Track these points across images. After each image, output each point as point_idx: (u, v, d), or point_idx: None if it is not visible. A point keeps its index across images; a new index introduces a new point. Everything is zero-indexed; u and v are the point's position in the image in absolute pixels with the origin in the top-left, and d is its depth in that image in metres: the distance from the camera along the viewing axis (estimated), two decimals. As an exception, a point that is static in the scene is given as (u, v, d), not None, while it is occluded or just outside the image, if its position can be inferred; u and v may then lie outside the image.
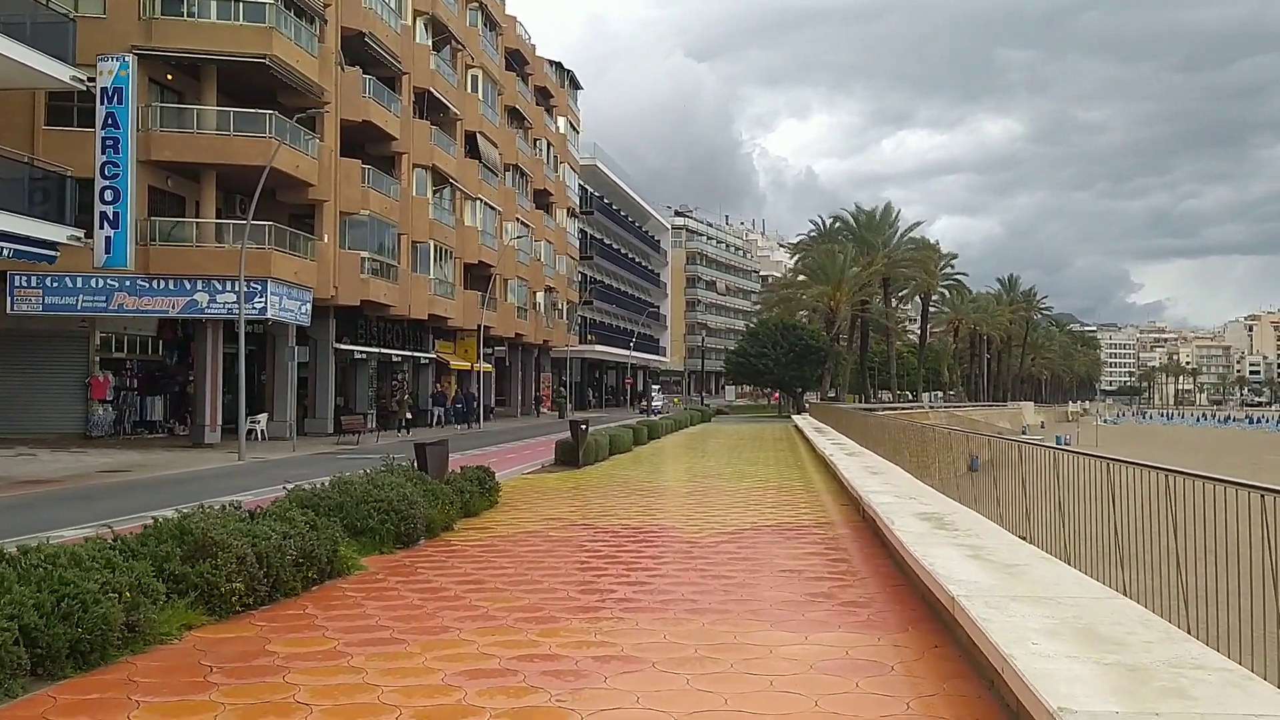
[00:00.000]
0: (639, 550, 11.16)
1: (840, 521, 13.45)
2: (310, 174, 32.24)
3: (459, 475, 14.60)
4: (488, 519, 14.00)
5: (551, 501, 16.34)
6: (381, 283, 37.61)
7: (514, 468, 23.61)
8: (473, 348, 49.61)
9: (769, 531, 12.66)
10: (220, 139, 29.97)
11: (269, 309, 29.99)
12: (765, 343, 75.23)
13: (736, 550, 11.12)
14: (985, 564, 7.13)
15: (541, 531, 12.68)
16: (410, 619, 7.86)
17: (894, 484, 13.91)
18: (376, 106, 36.83)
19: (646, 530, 12.77)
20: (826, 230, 77.69)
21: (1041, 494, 8.27)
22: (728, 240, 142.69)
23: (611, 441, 27.31)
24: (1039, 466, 8.47)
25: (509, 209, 55.92)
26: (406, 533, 11.38)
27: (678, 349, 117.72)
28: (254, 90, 31.60)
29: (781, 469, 23.25)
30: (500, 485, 16.06)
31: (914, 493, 12.61)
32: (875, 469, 16.40)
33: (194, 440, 30.59)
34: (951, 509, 10.56)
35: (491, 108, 52.73)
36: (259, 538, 8.51)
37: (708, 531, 12.61)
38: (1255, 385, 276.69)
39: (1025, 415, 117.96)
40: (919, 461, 17.24)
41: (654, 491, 17.80)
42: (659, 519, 13.94)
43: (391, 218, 38.91)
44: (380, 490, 11.55)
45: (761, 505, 15.71)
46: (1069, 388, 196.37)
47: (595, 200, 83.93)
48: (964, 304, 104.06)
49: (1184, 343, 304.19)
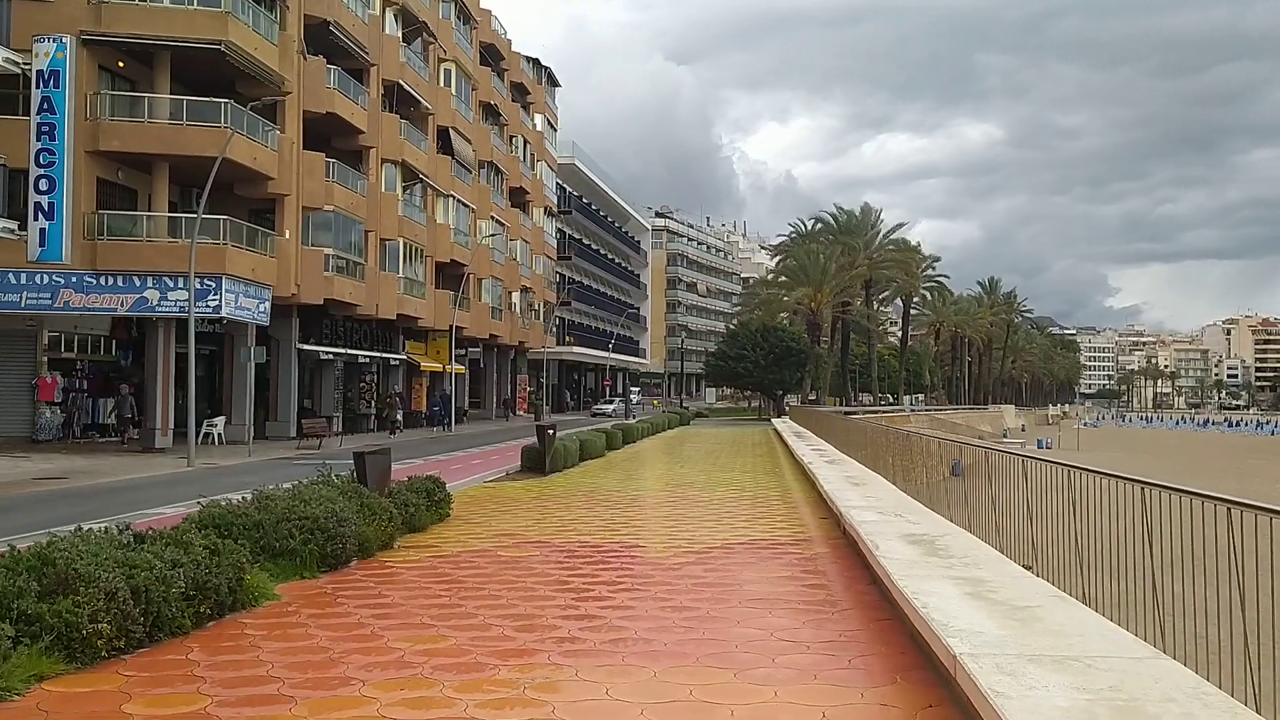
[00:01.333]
0: (594, 574, 9.97)
1: (819, 538, 12.31)
2: (269, 166, 30.87)
3: (404, 486, 13.37)
4: (434, 535, 12.78)
5: (509, 514, 15.12)
6: (347, 281, 36.26)
7: (477, 475, 22.38)
8: (445, 349, 48.24)
9: (741, 550, 11.50)
10: (172, 129, 28.58)
11: (224, 307, 28.62)
12: (745, 345, 74.23)
13: (703, 574, 9.94)
14: (989, 606, 5.97)
15: (490, 551, 11.47)
16: (309, 666, 6.63)
17: (877, 497, 12.77)
18: (342, 98, 35.49)
19: (606, 549, 11.59)
20: (808, 232, 76.67)
21: (1050, 517, 7.15)
22: (709, 242, 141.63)
23: (583, 447, 26.14)
24: (1047, 484, 7.34)
25: (483, 207, 54.61)
26: (334, 554, 10.15)
27: (658, 351, 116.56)
28: (210, 79, 30.23)
29: (758, 477, 22.11)
30: (453, 497, 14.82)
31: (899, 507, 11.47)
32: (856, 479, 15.27)
33: (144, 445, 29.17)
34: (943, 529, 9.41)
35: (465, 103, 51.41)
36: (138, 568, 7.26)
37: (674, 550, 11.44)
38: (1232, 389, 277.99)
39: (1006, 418, 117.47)
40: (902, 468, 16.14)
41: (620, 503, 16.61)
42: (622, 535, 12.76)
43: (358, 214, 37.57)
44: (306, 506, 10.32)
45: (735, 519, 14.54)
46: (1049, 391, 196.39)
47: (574, 200, 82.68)
48: (945, 306, 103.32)
49: (1162, 346, 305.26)
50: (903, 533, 9.13)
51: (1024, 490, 7.74)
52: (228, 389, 34.05)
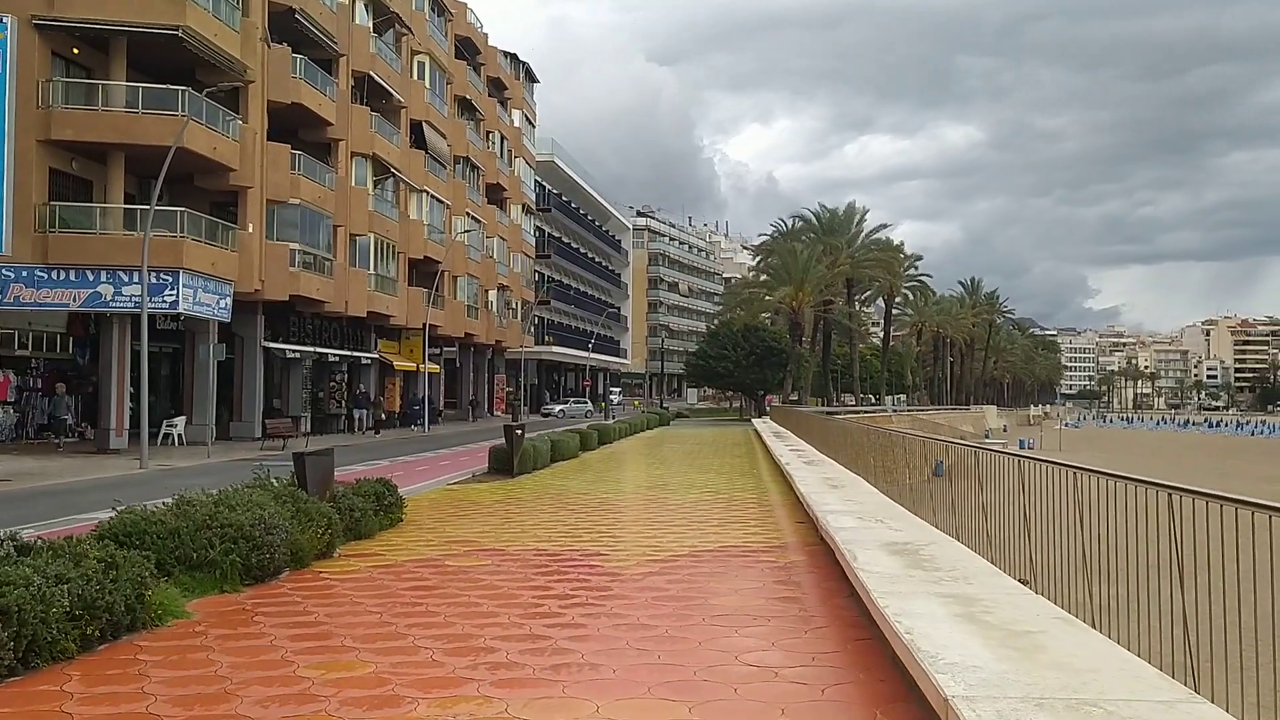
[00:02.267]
0: (546, 587, 9.08)
1: (795, 545, 11.45)
2: (230, 157, 29.81)
3: (350, 490, 12.43)
4: (381, 542, 11.86)
5: (466, 519, 14.21)
6: (314, 277, 35.21)
7: (442, 477, 21.45)
8: (418, 347, 47.23)
9: (710, 559, 10.63)
10: (128, 117, 27.49)
11: (181, 303, 27.56)
12: (726, 344, 73.48)
13: (666, 586, 9.07)
14: (984, 631, 5.11)
15: (437, 560, 10.56)
16: (197, 700, 5.72)
17: (857, 500, 11.93)
18: (308, 88, 34.46)
19: (564, 557, 10.69)
20: (790, 230, 75.87)
21: (1050, 526, 6.31)
22: (691, 242, 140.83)
23: (554, 448, 25.25)
24: (1047, 488, 6.49)
25: (459, 203, 53.59)
26: (260, 565, 9.22)
27: (639, 351, 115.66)
28: (169, 66, 29.18)
29: (734, 478, 21.27)
30: (406, 501, 13.89)
31: (880, 512, 10.63)
32: (835, 481, 14.43)
33: (98, 446, 28.09)
34: (928, 537, 8.57)
35: (439, 96, 50.37)
36: (11, 585, 6.32)
37: (637, 559, 10.56)
38: (1212, 389, 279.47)
39: (988, 419, 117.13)
40: (884, 469, 15.34)
41: (587, 506, 15.72)
42: (583, 541, 11.87)
43: (326, 208, 36.53)
44: (231, 512, 9.38)
45: (706, 523, 13.68)
46: (1030, 391, 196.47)
47: (553, 198, 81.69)
48: (928, 306, 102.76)
49: (1142, 347, 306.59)
50: (884, 541, 8.28)
51: (1019, 495, 6.90)
52: (189, 388, 32.96)
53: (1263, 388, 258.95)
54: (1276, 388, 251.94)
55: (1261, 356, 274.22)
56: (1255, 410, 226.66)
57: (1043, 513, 6.40)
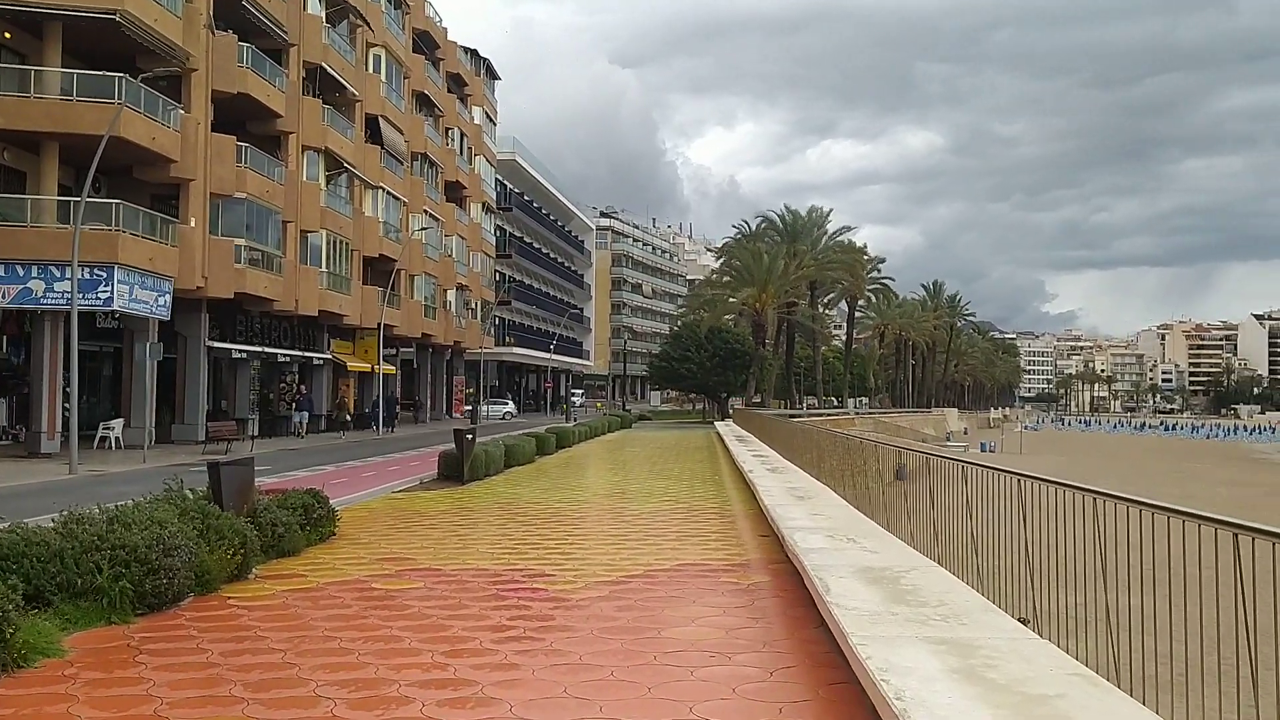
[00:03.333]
0: (481, 616, 8.10)
1: (759, 563, 10.55)
2: (171, 148, 28.47)
3: (275, 502, 11.38)
4: (307, 560, 10.82)
5: (405, 533, 13.18)
6: (261, 274, 33.90)
7: (387, 484, 20.38)
8: (373, 348, 45.94)
9: (666, 579, 9.70)
10: (61, 105, 26.13)
11: (116, 299, 26.22)
12: (689, 346, 72.72)
13: (615, 614, 8.13)
14: (991, 695, 4.19)
15: (364, 583, 9.55)
16: (34, 776, 4.70)
17: (825, 514, 11.06)
18: (256, 78, 33.16)
19: (505, 579, 9.72)
20: (754, 232, 75.22)
21: (1063, 558, 5.44)
22: (654, 243, 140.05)
23: (509, 452, 24.21)
24: (1063, 513, 5.62)
25: (416, 200, 52.34)
26: (157, 591, 8.16)
27: (601, 353, 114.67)
28: (107, 53, 27.80)
29: (695, 485, 20.38)
30: (338, 513, 12.84)
31: (852, 528, 9.76)
32: (801, 491, 13.57)
33: (29, 449, 26.69)
34: (908, 561, 7.68)
35: (396, 91, 49.12)
36: None
37: (586, 580, 9.61)
38: (1167, 393, 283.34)
39: (949, 421, 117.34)
40: (852, 479, 14.53)
41: (538, 518, 14.75)
42: (529, 559, 10.90)
43: (275, 203, 35.22)
44: (125, 531, 8.32)
45: (664, 537, 12.76)
46: (990, 394, 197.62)
47: (515, 197, 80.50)
48: (890, 309, 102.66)
49: (1099, 351, 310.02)
50: (859, 565, 7.39)
51: (1019, 519, 6.03)
52: (127, 389, 31.55)
53: (1216, 391, 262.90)
54: (1229, 391, 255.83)
55: (1215, 360, 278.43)
56: (1208, 413, 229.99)
57: (1049, 542, 5.53)
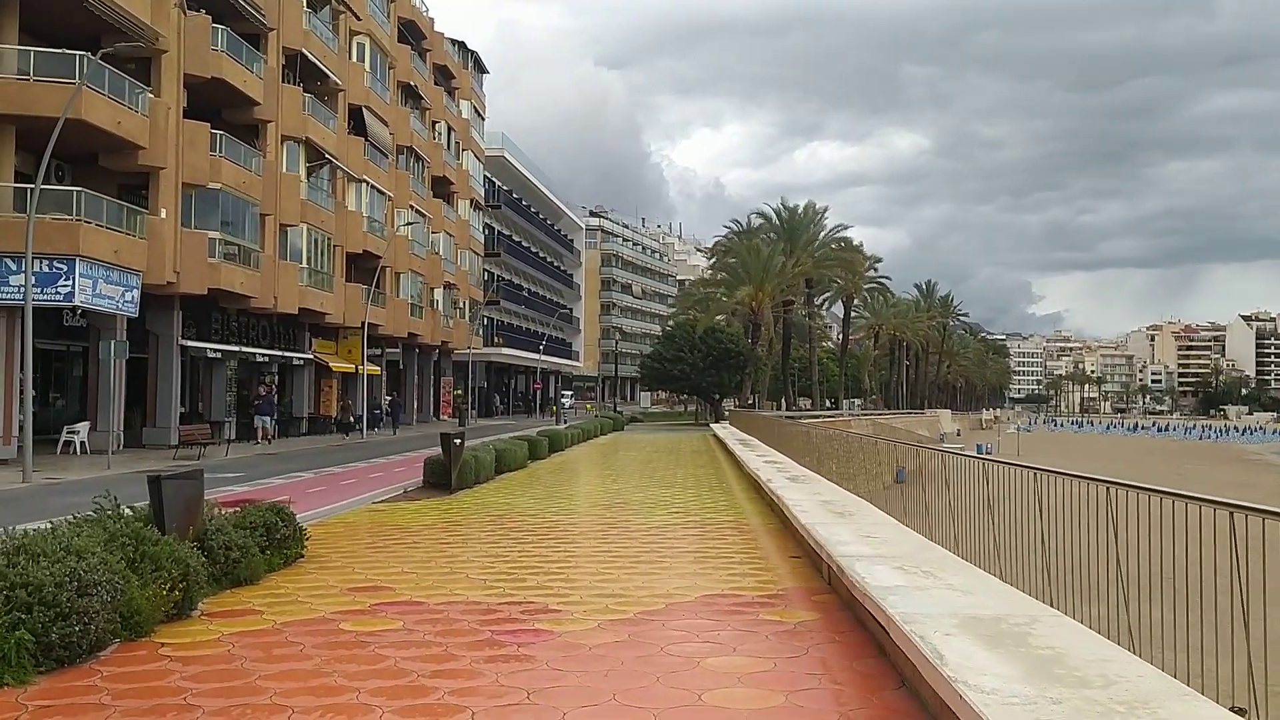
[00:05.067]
0: (473, 673, 6.48)
1: (798, 594, 8.95)
2: (138, 134, 26.73)
3: (231, 522, 9.73)
4: (266, 590, 9.19)
5: (385, 553, 11.56)
6: (237, 269, 32.18)
7: (367, 493, 18.74)
8: (357, 348, 44.22)
9: (692, 616, 8.10)
10: (17, 85, 24.40)
11: (78, 294, 24.49)
12: (682, 346, 71.14)
13: (638, 668, 6.52)
14: None
15: (331, 621, 7.92)
16: None
17: (879, 536, 9.47)
18: (230, 62, 31.43)
19: (500, 615, 8.10)
20: (749, 228, 73.61)
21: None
22: (644, 243, 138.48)
23: (500, 457, 22.59)
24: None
25: (402, 195, 50.61)
26: (68, 641, 6.52)
27: (591, 354, 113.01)
28: (70, 32, 26.11)
29: (703, 493, 18.79)
30: (307, 531, 11.20)
31: (920, 557, 8.17)
32: (837, 505, 11.98)
33: (-17, 456, 24.94)
34: (1022, 608, 5.99)
35: (381, 81, 47.41)
36: None
37: (598, 617, 8.01)
38: (1156, 394, 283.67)
39: (943, 423, 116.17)
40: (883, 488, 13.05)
41: (535, 533, 13.13)
42: (528, 588, 9.29)
43: (252, 195, 33.50)
44: (31, 566, 6.68)
45: (679, 558, 11.18)
46: (981, 395, 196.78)
47: (504, 194, 78.83)
48: (886, 309, 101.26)
49: (1089, 352, 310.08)
50: (962, 614, 5.77)
51: (1227, 556, 4.45)
52: (94, 391, 29.81)
53: (1205, 392, 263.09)
54: (1218, 392, 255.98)
55: (1204, 361, 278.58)
56: (1198, 414, 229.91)
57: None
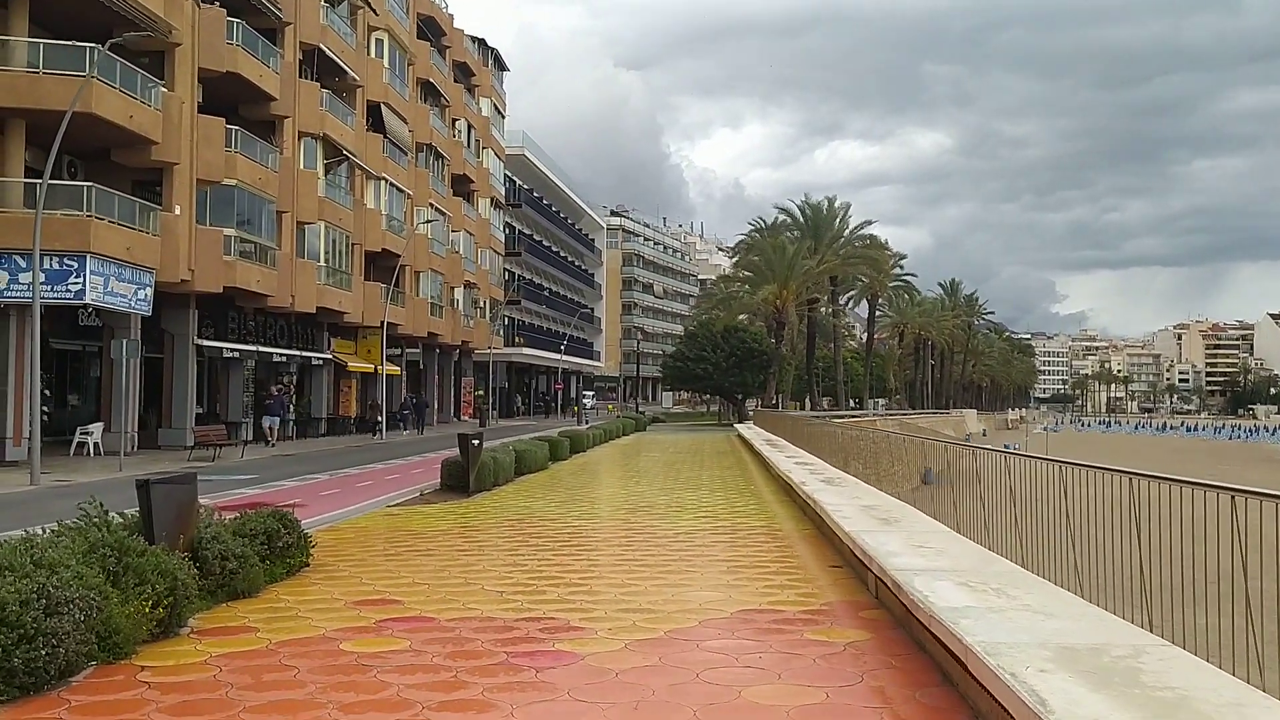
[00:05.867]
0: (485, 705, 5.73)
1: (843, 609, 8.16)
2: (151, 128, 26.18)
3: (228, 529, 9.04)
4: (265, 603, 8.48)
5: (396, 560, 10.85)
6: (253, 267, 31.64)
7: (383, 496, 18.08)
8: (376, 348, 43.66)
9: (728, 635, 7.33)
10: (27, 78, 23.89)
11: (88, 292, 23.95)
12: (705, 345, 70.25)
13: (670, 697, 5.75)
14: None
15: (332, 640, 7.19)
16: None
17: (933, 545, 8.66)
18: (246, 56, 30.88)
19: (517, 634, 7.35)
20: (773, 225, 72.64)
21: None
22: (665, 242, 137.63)
23: (520, 459, 21.87)
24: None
25: (421, 193, 50.03)
26: (33, 667, 5.83)
27: (613, 354, 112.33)
28: (82, 24, 25.51)
29: (731, 496, 18.00)
30: (312, 538, 10.49)
31: (985, 571, 7.35)
32: (880, 510, 11.17)
33: (-7, 457, 24.49)
34: (1119, 634, 5.18)
35: (400, 77, 46.84)
36: None
37: (624, 636, 7.25)
38: (1184, 393, 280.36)
39: (968, 423, 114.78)
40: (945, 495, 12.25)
41: (556, 539, 12.39)
42: (549, 601, 8.54)
43: (268, 191, 32.96)
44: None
45: (710, 568, 10.41)
46: (1006, 395, 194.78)
47: (524, 193, 78.21)
48: (911, 307, 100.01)
49: (1115, 351, 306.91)
50: (1053, 644, 4.95)
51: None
52: (108, 391, 29.34)
53: (1233, 391, 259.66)
54: (1246, 391, 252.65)
55: (1232, 360, 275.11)
56: (1226, 413, 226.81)
57: None
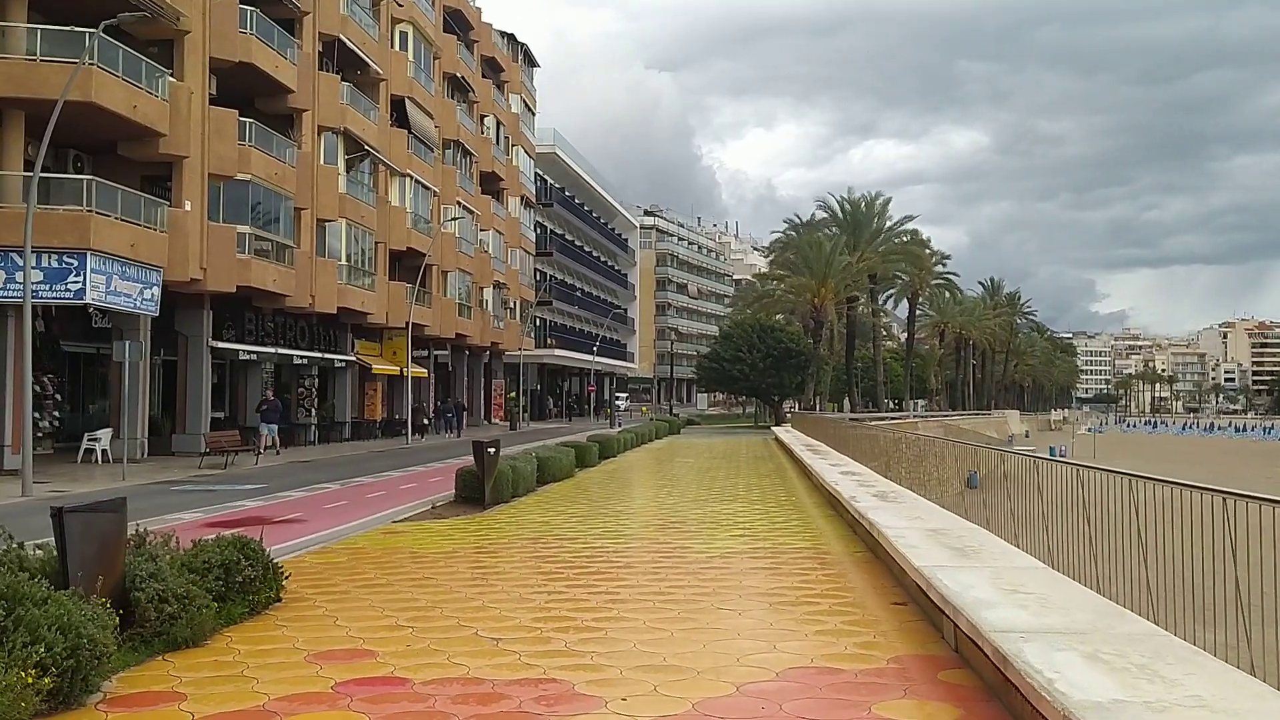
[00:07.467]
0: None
1: (915, 665, 6.54)
2: (157, 119, 24.97)
3: (183, 561, 7.55)
4: (209, 655, 6.99)
5: (384, 594, 9.33)
6: (270, 265, 30.42)
7: (391, 509, 16.65)
8: (402, 349, 42.43)
9: (772, 705, 5.72)
10: (25, 66, 22.76)
11: (89, 291, 22.74)
12: (740, 345, 68.46)
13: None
14: None
15: (270, 716, 5.67)
16: None
17: (1029, 588, 7.00)
18: (261, 46, 29.68)
19: (508, 705, 5.78)
20: (810, 221, 70.76)
21: None
22: (700, 242, 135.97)
23: (542, 466, 20.36)
24: None
25: (448, 191, 48.78)
26: None
27: (646, 355, 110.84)
28: (84, 11, 24.34)
29: (771, 510, 16.34)
30: (283, 569, 8.98)
31: (1115, 632, 5.71)
32: (951, 536, 9.51)
33: (-8, 464, 23.37)
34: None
35: (425, 71, 45.60)
36: None
37: (641, 714, 5.67)
38: (1230, 392, 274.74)
39: (1011, 424, 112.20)
40: (1023, 511, 10.62)
41: (571, 564, 10.84)
42: (553, 650, 6.98)
43: (285, 187, 31.74)
44: None
45: (750, 603, 8.80)
46: (1049, 395, 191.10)
47: (555, 192, 76.94)
48: (952, 306, 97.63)
49: (1159, 350, 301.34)
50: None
51: None
52: (115, 395, 28.21)
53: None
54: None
55: (1278, 359, 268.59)
56: (1273, 413, 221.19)
57: None
